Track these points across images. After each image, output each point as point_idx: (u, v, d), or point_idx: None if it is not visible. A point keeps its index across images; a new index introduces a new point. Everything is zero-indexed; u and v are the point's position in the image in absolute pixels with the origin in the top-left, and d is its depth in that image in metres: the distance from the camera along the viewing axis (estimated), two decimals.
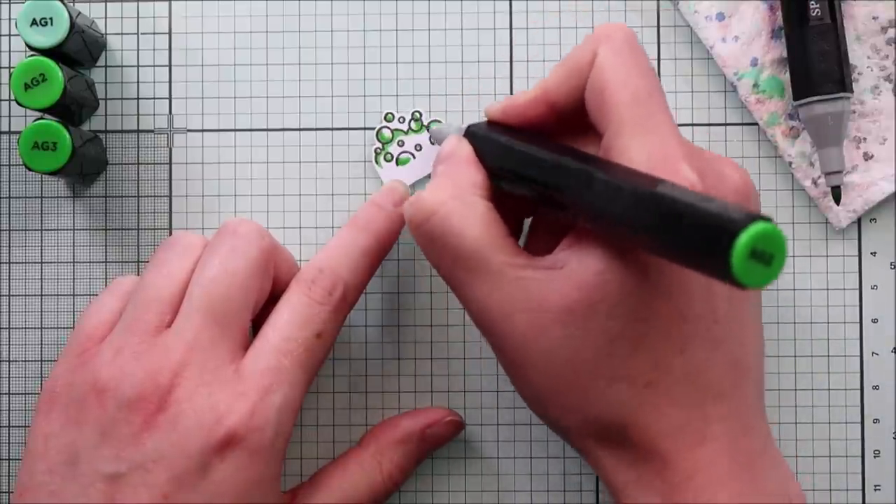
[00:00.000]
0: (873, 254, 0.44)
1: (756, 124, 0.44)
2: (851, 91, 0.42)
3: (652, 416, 0.33)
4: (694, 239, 0.28)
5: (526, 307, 0.34)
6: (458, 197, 0.35)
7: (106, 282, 0.44)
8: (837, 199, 0.42)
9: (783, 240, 0.27)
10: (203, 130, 0.44)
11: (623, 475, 0.34)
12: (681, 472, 0.33)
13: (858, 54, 0.43)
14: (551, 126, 0.37)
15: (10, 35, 0.44)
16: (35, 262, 0.44)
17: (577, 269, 0.33)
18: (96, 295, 0.42)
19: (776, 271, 0.28)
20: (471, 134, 0.38)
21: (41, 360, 0.44)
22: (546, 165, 0.35)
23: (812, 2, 0.41)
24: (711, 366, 0.34)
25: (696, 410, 0.34)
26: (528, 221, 0.40)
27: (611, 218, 0.31)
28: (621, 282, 0.33)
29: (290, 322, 0.37)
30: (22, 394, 0.44)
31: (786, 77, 0.43)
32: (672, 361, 0.33)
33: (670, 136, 0.34)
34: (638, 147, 0.33)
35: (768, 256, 0.27)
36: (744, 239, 0.27)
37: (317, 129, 0.44)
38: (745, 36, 0.43)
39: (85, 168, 0.43)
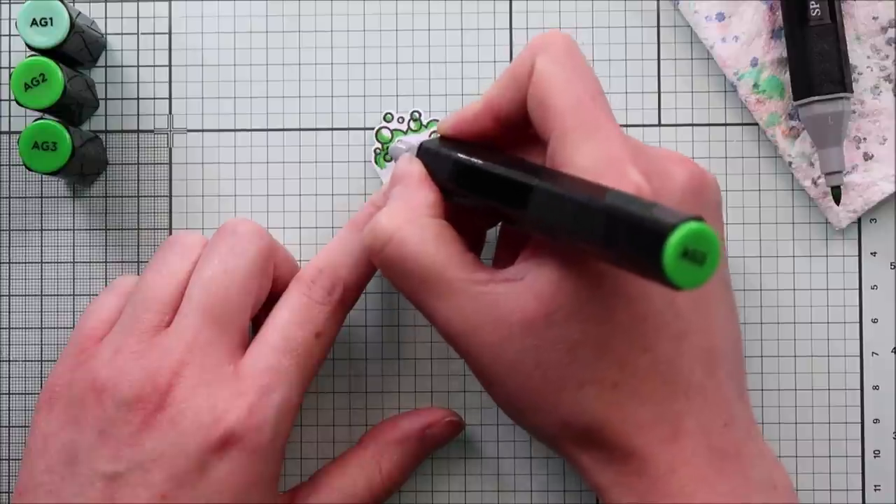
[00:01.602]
0: (873, 254, 0.44)
1: (756, 124, 0.44)
2: (851, 91, 0.42)
3: (623, 416, 0.34)
4: (630, 245, 0.28)
5: (489, 321, 0.34)
6: (412, 220, 0.36)
7: (106, 282, 0.44)
8: (837, 199, 0.42)
9: (713, 238, 0.28)
10: (203, 130, 0.44)
11: (604, 476, 0.35)
12: (659, 469, 0.34)
13: (858, 54, 0.43)
14: (500, 138, 0.37)
15: (10, 35, 0.44)
16: (35, 262, 0.44)
17: (534, 280, 0.33)
18: (96, 295, 0.42)
19: (710, 270, 0.28)
20: (424, 151, 0.38)
21: (41, 360, 0.44)
22: (491, 179, 0.35)
23: (812, 2, 0.41)
24: (679, 360, 0.34)
25: (667, 406, 0.34)
26: (494, 232, 0.41)
27: (554, 229, 0.32)
28: (577, 288, 0.33)
29: (289, 322, 0.37)
30: (22, 394, 0.44)
31: (786, 77, 0.43)
32: (637, 361, 0.34)
33: (614, 139, 0.33)
34: (583, 153, 0.33)
35: (701, 255, 0.28)
36: (673, 240, 0.27)
37: (317, 129, 0.44)
38: (745, 36, 0.43)
39: (85, 168, 0.43)
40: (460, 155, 0.36)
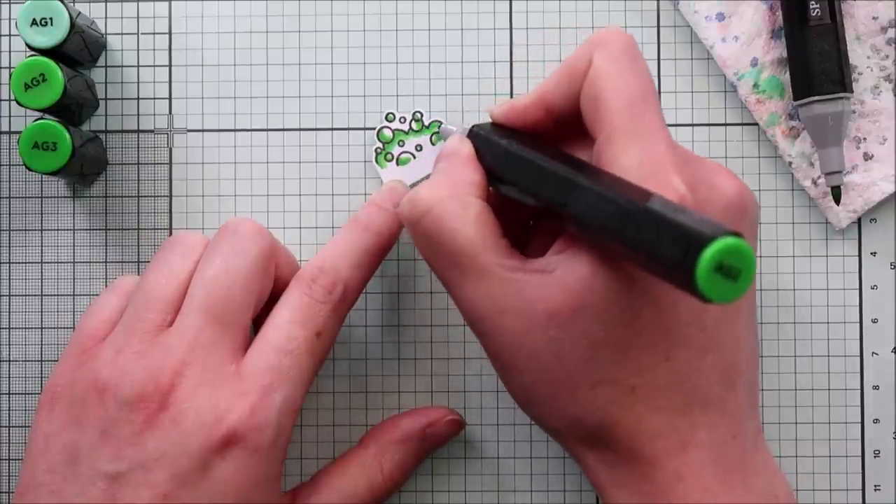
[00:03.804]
0: (873, 254, 0.44)
1: (756, 124, 0.44)
2: (851, 91, 0.42)
3: (635, 421, 0.34)
4: (665, 252, 0.28)
5: (514, 308, 0.34)
6: (455, 196, 0.36)
7: (106, 282, 0.44)
8: (837, 199, 0.42)
9: (750, 255, 0.27)
10: (203, 130, 0.44)
11: (607, 476, 0.35)
12: (665, 476, 0.34)
13: (858, 54, 0.43)
14: (550, 130, 0.37)
15: (10, 35, 0.44)
16: (35, 262, 0.44)
17: (565, 274, 0.33)
18: (96, 295, 0.42)
19: (743, 287, 0.27)
20: (474, 134, 0.38)
21: (41, 360, 0.44)
22: (535, 171, 0.35)
23: (812, 2, 0.41)
24: (698, 373, 0.34)
25: (682, 417, 0.34)
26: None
27: (592, 228, 0.32)
28: (607, 288, 0.33)
29: (290, 321, 0.37)
30: (22, 394, 0.44)
31: (786, 77, 0.43)
32: (656, 368, 0.33)
33: (662, 145, 0.33)
34: (629, 155, 0.33)
35: (735, 271, 0.27)
36: (709, 252, 0.27)
37: (317, 129, 0.44)
38: (745, 36, 0.43)
39: (85, 168, 0.43)
40: (508, 142, 0.36)
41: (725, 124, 0.44)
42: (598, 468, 0.35)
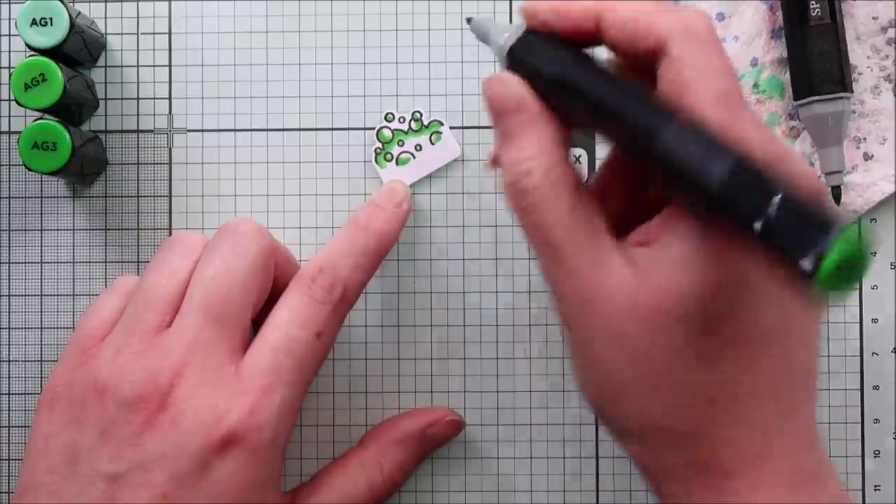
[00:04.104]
0: (873, 254, 0.44)
1: None
2: (851, 91, 0.42)
3: (715, 432, 0.32)
4: (790, 234, 0.26)
5: (602, 301, 0.32)
6: (545, 171, 0.32)
7: (106, 282, 0.44)
8: (837, 199, 0.42)
9: (868, 247, 0.25)
10: (203, 130, 0.44)
11: (678, 487, 0.33)
12: (740, 490, 0.32)
13: (858, 54, 0.43)
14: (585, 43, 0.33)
15: (10, 35, 0.44)
16: (35, 262, 0.44)
17: (655, 275, 0.31)
18: (96, 295, 0.42)
19: (858, 277, 0.25)
20: (517, 61, 0.33)
21: (41, 360, 0.44)
22: (627, 105, 0.31)
23: (812, 2, 0.41)
24: (779, 381, 0.32)
25: (761, 427, 0.32)
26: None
27: (686, 169, 0.28)
28: (695, 294, 0.31)
29: (289, 321, 0.37)
30: (22, 394, 0.44)
31: (786, 77, 0.43)
32: (740, 377, 0.32)
33: (761, 142, 0.31)
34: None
35: (854, 264, 0.25)
36: (840, 242, 0.24)
37: (317, 129, 0.44)
38: (745, 36, 0.43)
39: (85, 168, 0.43)
40: (584, 81, 0.32)
41: None
42: (668, 478, 0.33)
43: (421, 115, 0.44)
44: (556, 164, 0.32)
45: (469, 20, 0.36)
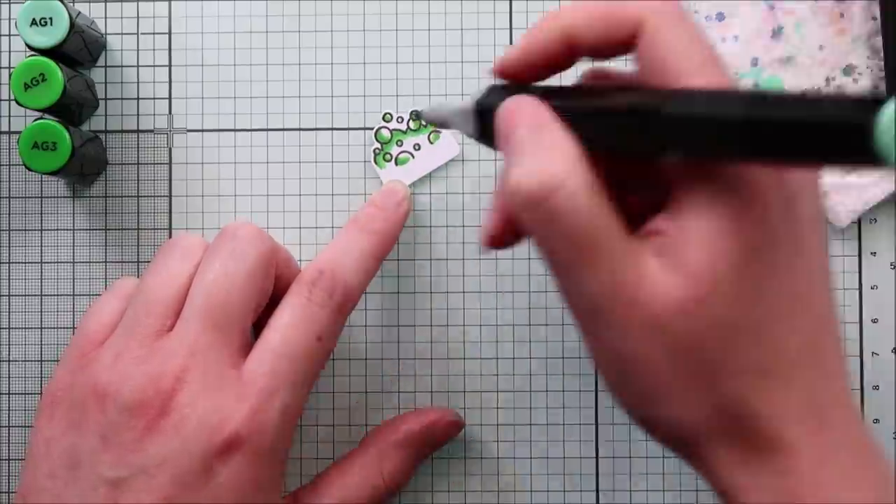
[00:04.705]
0: (873, 254, 0.44)
1: None
2: None
3: (774, 405, 0.31)
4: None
5: (644, 298, 0.31)
6: (577, 170, 0.31)
7: (106, 282, 0.44)
8: None
9: None
10: (203, 130, 0.44)
11: (743, 476, 0.32)
12: (808, 464, 0.31)
13: (858, 54, 0.43)
14: (542, 74, 0.34)
15: (10, 35, 0.44)
16: (35, 262, 0.44)
17: (685, 261, 0.30)
18: (96, 295, 0.42)
19: None
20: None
21: (41, 360, 0.44)
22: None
23: None
24: (821, 343, 0.32)
25: (815, 394, 0.31)
26: None
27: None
28: (729, 269, 0.30)
29: (290, 325, 0.37)
30: (22, 394, 0.44)
31: (786, 76, 0.43)
32: (787, 344, 0.31)
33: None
34: None
35: None
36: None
37: (317, 129, 0.44)
38: (745, 36, 0.43)
39: (85, 168, 0.43)
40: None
41: None
42: (732, 467, 0.32)
43: (419, 114, 0.44)
44: (580, 167, 0.31)
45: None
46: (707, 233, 0.30)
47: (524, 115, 0.32)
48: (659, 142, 0.30)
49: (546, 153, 0.31)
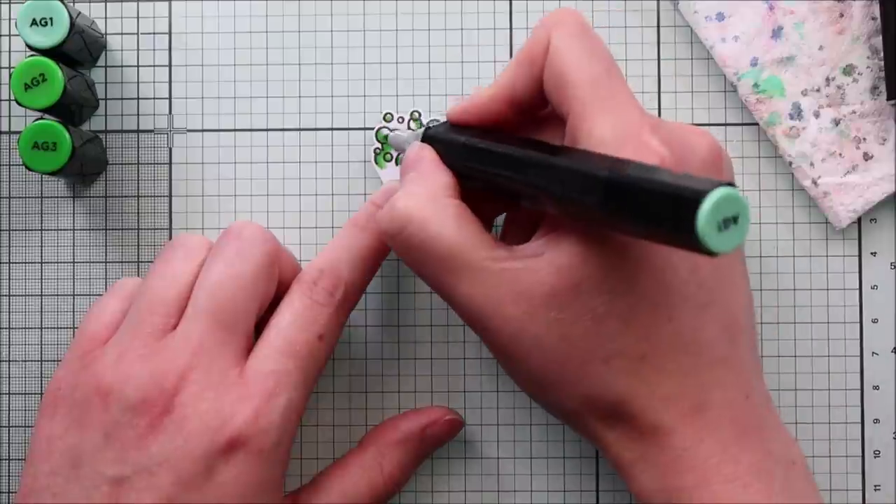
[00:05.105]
0: (873, 254, 0.44)
1: (756, 124, 0.44)
2: None
3: (649, 390, 0.34)
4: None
5: (512, 297, 0.34)
6: (431, 201, 0.36)
7: (106, 282, 0.44)
8: None
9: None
10: (203, 130, 0.44)
11: (628, 453, 0.35)
12: (684, 442, 0.34)
13: (858, 54, 0.43)
14: (513, 122, 0.37)
15: (10, 35, 0.44)
16: (35, 262, 0.44)
17: (555, 255, 0.33)
18: (97, 295, 0.42)
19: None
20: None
21: (41, 360, 0.44)
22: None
23: None
24: (702, 332, 0.34)
25: (692, 379, 0.34)
26: (500, 219, 0.41)
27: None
28: (599, 261, 0.33)
29: (292, 324, 0.37)
30: (22, 394, 0.44)
31: (786, 76, 0.43)
32: (661, 332, 0.33)
33: (634, 111, 0.34)
34: (603, 125, 0.33)
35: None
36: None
37: (317, 129, 0.44)
38: (745, 36, 0.43)
39: (85, 168, 0.43)
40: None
41: (725, 124, 0.44)
42: (617, 446, 0.35)
43: (419, 114, 0.44)
44: (438, 203, 0.35)
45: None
46: (577, 233, 0.33)
47: (412, 160, 0.38)
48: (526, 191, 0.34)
49: (411, 195, 0.36)
